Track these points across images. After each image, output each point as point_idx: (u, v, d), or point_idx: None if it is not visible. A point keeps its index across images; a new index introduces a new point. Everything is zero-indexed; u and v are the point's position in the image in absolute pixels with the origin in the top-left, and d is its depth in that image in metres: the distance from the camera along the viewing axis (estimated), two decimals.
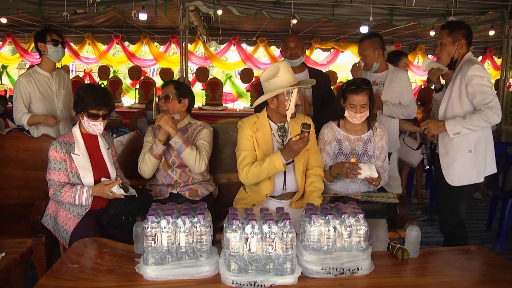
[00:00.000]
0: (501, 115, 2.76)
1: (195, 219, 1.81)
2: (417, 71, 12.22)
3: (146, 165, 2.86)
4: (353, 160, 2.69)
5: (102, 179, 2.62)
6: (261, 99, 2.70)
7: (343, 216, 1.89)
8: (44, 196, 2.70)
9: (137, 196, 2.62)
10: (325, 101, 3.60)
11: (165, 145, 2.81)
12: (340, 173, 2.73)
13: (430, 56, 11.42)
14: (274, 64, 2.64)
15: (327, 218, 1.86)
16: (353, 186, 2.86)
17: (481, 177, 2.94)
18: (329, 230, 1.85)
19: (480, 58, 11.75)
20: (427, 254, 2.18)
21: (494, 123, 2.80)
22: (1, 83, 11.88)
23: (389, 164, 3.02)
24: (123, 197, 2.55)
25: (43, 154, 2.95)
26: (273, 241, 1.74)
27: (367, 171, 2.63)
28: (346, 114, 2.79)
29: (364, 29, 7.42)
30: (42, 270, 2.66)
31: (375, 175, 2.64)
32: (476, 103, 2.79)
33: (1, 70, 12.29)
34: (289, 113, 2.62)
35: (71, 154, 2.59)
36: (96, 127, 2.62)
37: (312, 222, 1.85)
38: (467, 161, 2.90)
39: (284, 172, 2.72)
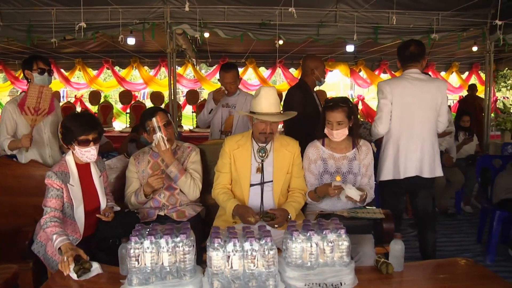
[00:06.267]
0: (382, 130, 3.29)
1: (178, 239, 1.83)
2: None
3: (132, 206, 2.96)
4: (338, 178, 2.72)
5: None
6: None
7: (324, 232, 1.91)
8: (33, 222, 2.68)
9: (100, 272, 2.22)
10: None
11: (148, 197, 2.89)
12: (326, 193, 2.75)
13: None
14: (262, 87, 2.79)
15: (308, 234, 1.89)
16: (339, 204, 2.85)
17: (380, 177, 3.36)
18: (311, 246, 1.87)
19: (466, 73, 12.03)
20: (412, 268, 2.20)
21: (374, 136, 3.44)
22: None
23: None
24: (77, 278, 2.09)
25: (32, 180, 2.95)
26: (254, 258, 1.76)
27: (350, 191, 2.65)
28: (325, 131, 2.84)
29: (350, 48, 7.54)
30: None
31: (357, 198, 2.63)
32: None
33: None
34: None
35: (67, 184, 2.55)
36: (89, 153, 2.57)
37: (293, 239, 1.87)
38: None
39: (262, 191, 2.78)
